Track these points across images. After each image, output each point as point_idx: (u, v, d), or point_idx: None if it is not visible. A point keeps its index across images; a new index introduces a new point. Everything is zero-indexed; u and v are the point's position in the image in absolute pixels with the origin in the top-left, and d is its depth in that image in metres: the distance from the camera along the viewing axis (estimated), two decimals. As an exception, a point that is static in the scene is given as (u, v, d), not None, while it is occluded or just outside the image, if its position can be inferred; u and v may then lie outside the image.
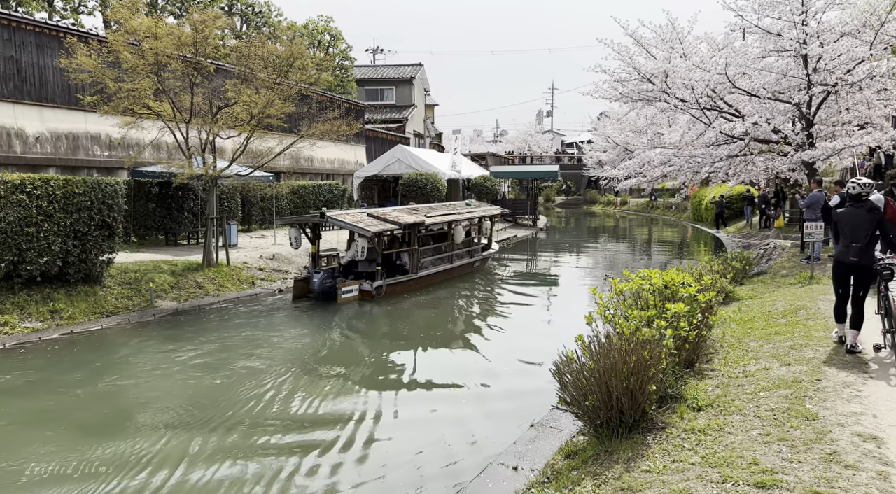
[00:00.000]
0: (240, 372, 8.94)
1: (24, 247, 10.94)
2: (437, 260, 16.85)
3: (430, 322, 12.98)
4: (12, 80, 16.43)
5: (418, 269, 15.60)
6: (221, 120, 14.63)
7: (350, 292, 13.85)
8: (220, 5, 36.70)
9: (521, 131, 74.63)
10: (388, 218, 14.79)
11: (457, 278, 17.45)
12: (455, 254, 17.75)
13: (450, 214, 17.43)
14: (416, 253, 15.60)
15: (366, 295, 14.04)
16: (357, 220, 14.13)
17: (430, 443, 6.50)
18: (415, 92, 44.33)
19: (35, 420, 7.21)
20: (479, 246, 19.56)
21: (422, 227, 15.97)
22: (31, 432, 6.86)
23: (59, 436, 6.73)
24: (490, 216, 20.18)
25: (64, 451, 6.26)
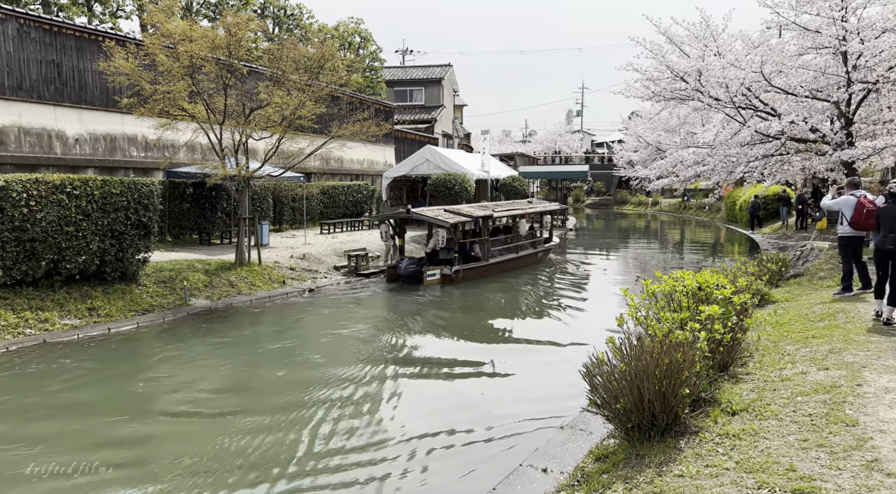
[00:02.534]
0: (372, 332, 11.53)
1: (64, 245, 11.25)
2: (503, 249, 18.88)
3: (492, 302, 15.08)
4: (53, 83, 16.91)
5: (489, 257, 17.90)
6: (254, 121, 14.84)
7: (433, 275, 16.36)
8: (252, 8, 37.26)
9: (551, 131, 74.15)
10: (462, 212, 17.34)
11: (522, 267, 19.42)
12: (520, 245, 19.73)
13: (514, 209, 19.83)
14: (486, 242, 17.92)
15: (446, 279, 16.46)
16: (436, 215, 16.71)
17: (457, 437, 6.54)
18: (443, 92, 44.37)
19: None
20: (542, 238, 21.56)
21: (491, 220, 18.24)
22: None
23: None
24: (550, 212, 22.77)
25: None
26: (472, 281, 16.73)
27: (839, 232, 10.02)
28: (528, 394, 8.19)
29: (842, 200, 9.66)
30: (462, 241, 17.59)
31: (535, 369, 9.37)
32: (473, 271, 17.17)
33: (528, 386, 8.54)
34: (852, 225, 9.45)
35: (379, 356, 10.00)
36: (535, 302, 15.64)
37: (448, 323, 12.70)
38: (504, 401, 7.93)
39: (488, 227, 18.13)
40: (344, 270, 17.68)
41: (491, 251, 18.10)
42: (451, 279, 16.45)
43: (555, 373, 9.08)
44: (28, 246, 10.86)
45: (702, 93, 15.33)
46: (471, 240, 17.95)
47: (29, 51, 16.29)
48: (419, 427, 6.98)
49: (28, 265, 10.94)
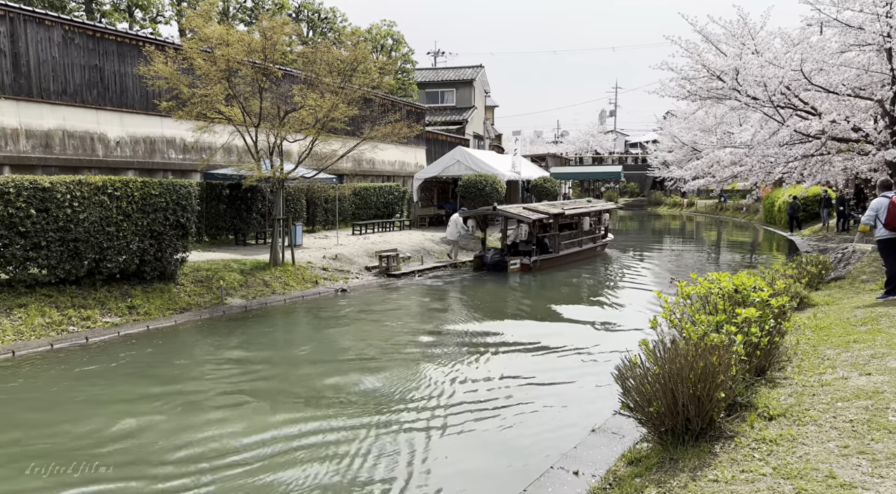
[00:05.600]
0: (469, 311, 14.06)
1: (105, 245, 11.58)
2: (569, 243, 21.51)
3: (564, 288, 17.34)
4: (96, 87, 17.43)
5: (559, 250, 20.49)
6: (288, 124, 15.06)
7: (515, 264, 18.98)
8: (287, 12, 37.81)
9: (583, 131, 73.52)
10: (539, 209, 20.00)
11: (584, 259, 21.96)
12: (583, 240, 22.50)
13: (579, 208, 22.71)
14: (557, 237, 20.56)
15: (525, 268, 19.00)
16: (519, 212, 19.47)
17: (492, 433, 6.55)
18: (475, 93, 44.35)
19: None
20: (600, 234, 24.40)
21: (562, 217, 20.97)
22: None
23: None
24: (608, 210, 25.80)
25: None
26: (545, 270, 19.22)
27: (876, 235, 9.75)
28: (560, 396, 8.14)
29: (874, 203, 9.41)
30: (539, 235, 20.19)
31: (571, 369, 9.32)
32: (547, 261, 19.72)
33: (561, 387, 8.48)
34: (886, 226, 9.19)
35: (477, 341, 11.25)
36: (582, 298, 16.22)
37: (513, 309, 14.57)
38: (536, 402, 7.91)
39: (558, 223, 20.70)
40: (375, 271, 17.82)
41: (561, 244, 20.66)
42: (529, 268, 18.95)
43: (588, 373, 9.02)
44: (71, 245, 11.22)
45: (739, 92, 15.02)
46: (543, 234, 20.43)
47: (73, 56, 16.82)
48: (446, 424, 7.00)
49: (71, 264, 11.30)
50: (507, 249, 20.38)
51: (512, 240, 20.73)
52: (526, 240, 20.28)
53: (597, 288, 17.71)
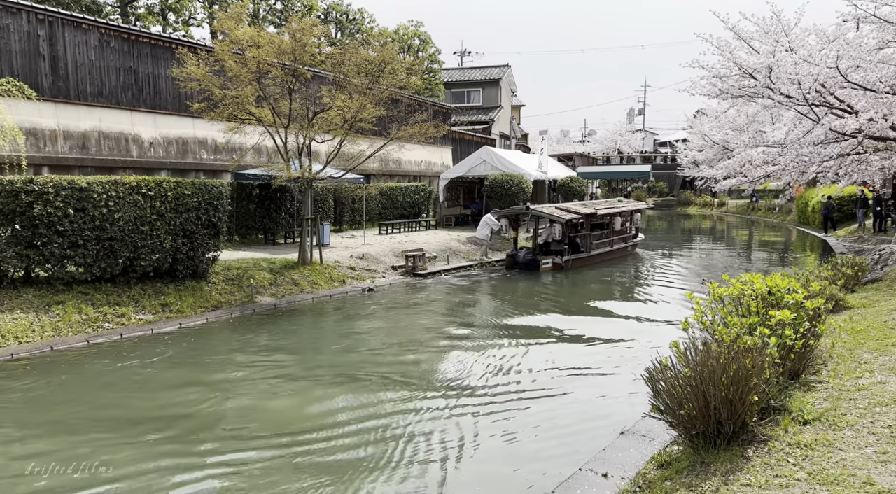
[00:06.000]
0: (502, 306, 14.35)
1: (139, 244, 11.84)
2: (601, 243, 21.54)
3: (595, 287, 17.30)
4: (130, 89, 17.83)
5: (591, 249, 20.59)
6: (317, 124, 15.21)
7: (547, 264, 19.19)
8: (316, 14, 38.17)
9: (611, 131, 72.82)
10: (572, 209, 20.22)
11: (615, 259, 22.00)
12: (614, 240, 22.46)
13: (611, 208, 22.78)
14: (588, 236, 20.65)
15: (557, 267, 19.21)
16: (552, 212, 19.70)
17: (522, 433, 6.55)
18: (501, 93, 44.23)
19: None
20: (631, 234, 24.35)
21: (594, 217, 21.06)
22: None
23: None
24: (639, 209, 25.73)
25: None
26: (576, 270, 19.36)
27: None
28: (589, 396, 8.10)
29: None
30: (570, 235, 20.41)
31: (601, 369, 9.26)
32: (579, 261, 19.90)
33: (590, 388, 8.43)
34: None
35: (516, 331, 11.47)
36: (613, 298, 16.16)
37: (546, 306, 14.78)
38: (565, 402, 7.88)
39: (590, 223, 20.87)
40: (401, 270, 17.90)
41: (592, 244, 20.83)
42: (561, 267, 19.16)
43: (617, 374, 8.96)
44: (107, 244, 11.50)
45: (772, 90, 14.73)
46: (575, 234, 20.62)
47: (109, 59, 17.23)
48: (476, 422, 7.01)
49: (107, 262, 11.58)
50: (538, 249, 20.56)
51: (544, 240, 20.91)
52: (559, 239, 20.39)
53: (628, 288, 17.66)
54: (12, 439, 6.89)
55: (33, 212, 10.69)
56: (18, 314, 10.31)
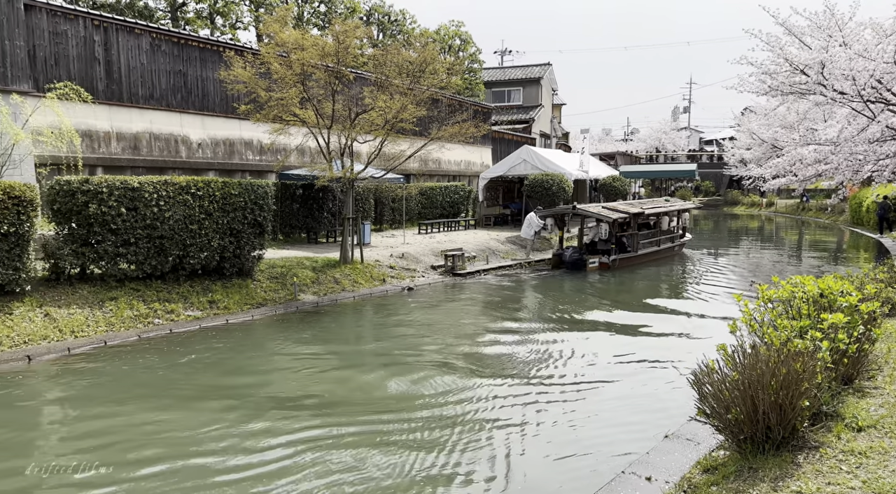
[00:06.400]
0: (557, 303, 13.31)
1: (188, 242, 12.19)
2: (648, 242, 21.46)
3: (642, 287, 17.17)
4: (180, 91, 18.36)
5: (638, 249, 20.51)
6: (359, 125, 15.39)
7: (594, 263, 19.19)
8: (359, 16, 38.60)
9: (655, 129, 71.47)
10: (619, 209, 20.04)
11: (662, 259, 21.90)
12: (661, 240, 22.38)
13: (658, 207, 22.63)
14: (636, 236, 20.55)
15: (604, 266, 19.20)
16: (599, 211, 19.65)
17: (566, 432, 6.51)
18: (542, 92, 43.93)
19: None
20: (678, 233, 24.15)
21: (641, 217, 20.92)
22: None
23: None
24: (687, 209, 25.56)
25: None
26: (623, 269, 19.28)
27: None
28: (632, 398, 7.99)
29: None
30: (618, 234, 20.35)
31: (645, 371, 9.13)
32: (626, 260, 19.85)
33: (633, 390, 8.32)
34: None
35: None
36: (660, 298, 15.94)
37: (590, 306, 14.66)
38: (608, 403, 7.80)
39: (637, 223, 20.75)
40: (441, 270, 17.96)
41: (639, 243, 20.75)
42: (608, 266, 19.14)
43: (662, 376, 8.83)
44: (157, 242, 11.87)
45: (825, 86, 14.24)
46: (622, 233, 20.49)
47: (160, 62, 17.78)
48: (524, 422, 7.00)
49: (157, 260, 11.96)
50: (584, 248, 20.61)
51: (590, 239, 21.04)
52: (605, 238, 20.49)
53: (674, 288, 17.41)
54: (154, 406, 7.78)
55: (88, 211, 11.12)
56: (74, 309, 10.74)
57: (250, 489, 5.65)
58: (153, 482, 5.78)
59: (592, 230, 21.44)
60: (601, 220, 20.16)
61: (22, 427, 7.19)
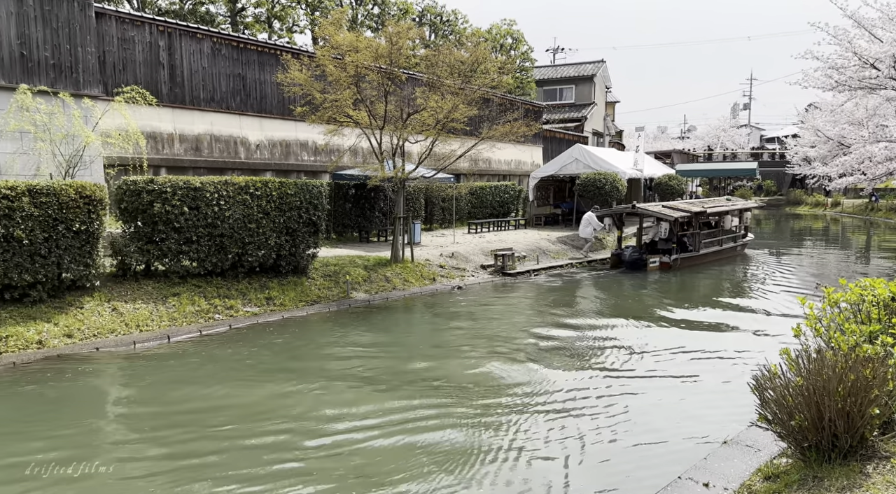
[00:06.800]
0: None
1: (247, 241, 12.56)
2: (709, 242, 21.11)
3: (706, 291, 16.73)
4: (239, 94, 18.93)
5: (699, 248, 20.26)
6: (410, 125, 15.53)
7: (654, 263, 18.98)
8: (411, 17, 38.92)
9: (713, 126, 69.46)
10: (680, 207, 19.76)
11: (723, 259, 21.48)
12: (723, 239, 21.97)
13: (720, 206, 22.22)
14: (697, 235, 20.29)
15: (664, 266, 18.96)
16: (659, 210, 19.38)
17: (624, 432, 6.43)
18: (595, 89, 43.28)
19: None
20: (740, 233, 23.62)
21: (702, 216, 20.66)
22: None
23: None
24: (749, 208, 24.96)
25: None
26: (684, 270, 19.06)
27: None
28: (689, 402, 7.80)
29: None
30: (679, 234, 20.13)
31: (704, 374, 8.92)
32: (687, 260, 19.63)
33: (691, 394, 8.12)
34: None
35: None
36: (722, 299, 15.61)
37: (658, 307, 14.24)
38: (664, 406, 7.64)
39: (699, 222, 20.53)
40: (491, 269, 17.93)
41: (701, 243, 20.51)
42: (669, 266, 18.92)
43: (721, 380, 8.60)
44: (218, 240, 12.28)
45: (897, 79, 13.56)
46: (682, 233, 20.27)
47: (220, 66, 18.38)
48: (566, 420, 6.94)
49: (218, 257, 12.37)
50: (644, 247, 20.39)
51: (650, 239, 20.87)
52: (666, 238, 20.33)
53: (737, 289, 16.96)
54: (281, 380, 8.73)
55: (153, 210, 11.60)
56: (139, 304, 11.22)
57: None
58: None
59: (652, 229, 21.14)
60: (662, 219, 19.86)
61: (130, 405, 7.57)
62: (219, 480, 5.76)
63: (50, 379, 8.54)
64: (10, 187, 9.76)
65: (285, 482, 5.71)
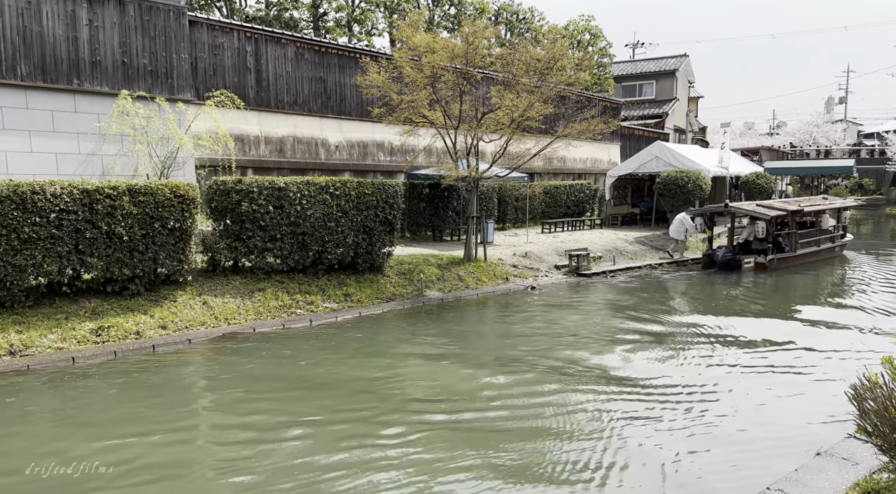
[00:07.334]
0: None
1: (327, 239, 12.96)
2: (806, 242, 20.39)
3: (804, 293, 16.13)
4: (320, 97, 19.53)
5: (796, 249, 19.56)
6: (485, 124, 15.54)
7: (749, 263, 18.47)
8: (487, 16, 38.93)
9: (805, 121, 65.66)
10: (776, 206, 19.36)
11: (821, 260, 20.80)
12: (821, 240, 21.20)
13: (817, 205, 21.34)
14: (794, 235, 19.60)
15: (759, 267, 18.46)
16: (754, 209, 18.85)
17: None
18: (677, 84, 41.84)
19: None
20: (839, 234, 22.67)
21: (799, 215, 20.12)
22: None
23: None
24: (847, 207, 24.05)
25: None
26: (779, 271, 18.45)
27: None
28: (780, 411, 7.43)
29: None
30: (774, 233, 19.49)
31: (797, 383, 8.49)
32: (783, 261, 19.00)
33: (783, 402, 7.73)
34: None
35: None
36: (820, 302, 14.92)
37: (756, 308, 13.84)
38: (753, 414, 7.33)
39: (795, 221, 19.89)
40: (565, 270, 17.68)
41: (797, 243, 19.79)
42: (765, 267, 18.41)
43: (816, 390, 8.17)
44: (300, 238, 12.73)
45: None
46: (777, 232, 19.64)
47: (303, 70, 19.02)
48: (652, 422, 6.76)
49: (299, 255, 12.82)
50: (737, 248, 19.84)
51: (744, 239, 20.25)
52: (762, 237, 19.72)
53: (836, 292, 16.06)
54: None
55: (241, 209, 12.16)
56: (228, 298, 11.79)
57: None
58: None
59: (746, 229, 20.42)
60: (757, 218, 19.26)
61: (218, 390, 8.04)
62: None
63: (149, 367, 9.12)
64: (113, 187, 10.49)
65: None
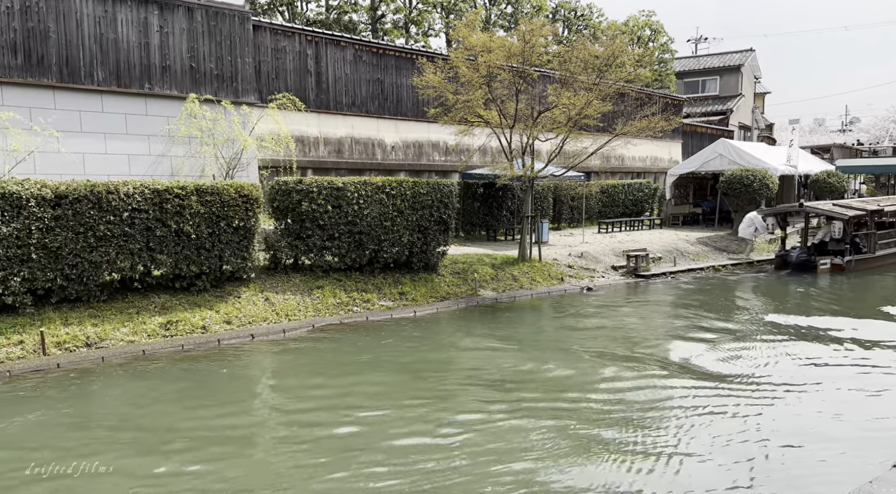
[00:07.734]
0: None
1: (383, 238, 13.21)
2: (886, 243, 19.88)
3: (885, 294, 15.63)
4: (377, 98, 19.86)
5: (875, 250, 19.10)
6: (541, 123, 15.46)
7: (825, 264, 18.09)
8: (544, 14, 38.59)
9: (881, 117, 62.20)
10: (853, 206, 19.00)
11: None
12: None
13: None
14: (873, 235, 19.13)
15: (836, 268, 18.05)
16: (830, 208, 18.47)
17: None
18: (742, 80, 40.38)
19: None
20: None
21: (880, 215, 19.74)
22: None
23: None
24: None
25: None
26: (858, 272, 17.97)
27: None
28: (852, 423, 7.17)
29: None
30: (853, 234, 19.02)
31: (874, 389, 8.20)
32: (861, 263, 18.51)
33: (856, 411, 7.46)
34: None
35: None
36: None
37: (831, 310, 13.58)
38: (823, 422, 7.13)
39: (874, 221, 19.43)
40: (622, 270, 17.42)
41: (877, 244, 19.24)
42: (842, 268, 17.97)
43: (892, 400, 7.81)
44: (357, 237, 13.02)
45: None
46: (855, 233, 19.14)
47: (361, 72, 19.39)
48: (715, 426, 6.64)
49: (356, 253, 13.12)
50: (812, 248, 19.48)
51: (819, 239, 19.84)
52: (838, 238, 19.17)
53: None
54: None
55: (301, 209, 12.53)
56: (289, 295, 12.19)
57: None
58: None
59: (822, 230, 19.86)
60: (833, 218, 18.73)
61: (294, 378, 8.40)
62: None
63: (217, 360, 9.56)
64: (181, 187, 11.01)
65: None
